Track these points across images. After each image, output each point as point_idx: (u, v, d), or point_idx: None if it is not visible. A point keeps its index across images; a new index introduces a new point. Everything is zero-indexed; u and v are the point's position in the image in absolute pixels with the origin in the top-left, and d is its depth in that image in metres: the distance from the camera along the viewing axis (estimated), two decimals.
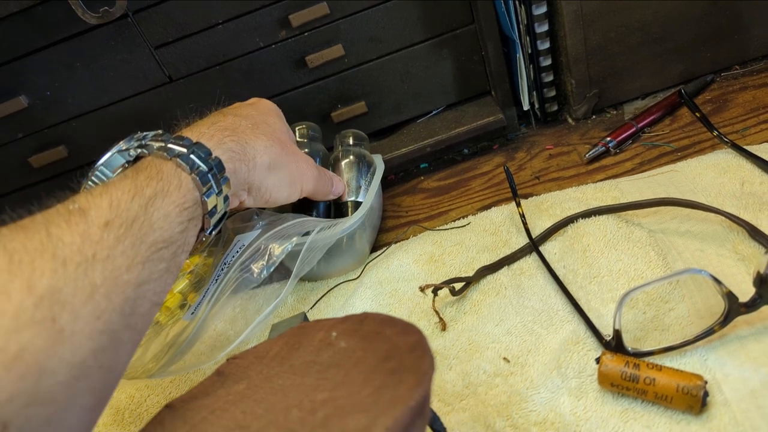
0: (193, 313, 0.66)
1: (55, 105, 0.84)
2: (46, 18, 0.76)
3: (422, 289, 0.60)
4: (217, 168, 0.51)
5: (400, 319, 0.42)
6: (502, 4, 0.78)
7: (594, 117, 0.89)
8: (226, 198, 0.53)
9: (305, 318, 0.61)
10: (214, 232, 0.53)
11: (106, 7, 0.71)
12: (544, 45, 0.83)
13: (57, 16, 0.76)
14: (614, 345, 0.52)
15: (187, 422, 0.42)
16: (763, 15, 0.80)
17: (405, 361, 0.37)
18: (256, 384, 0.43)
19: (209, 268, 0.80)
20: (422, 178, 0.93)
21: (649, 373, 0.48)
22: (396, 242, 0.79)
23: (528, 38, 0.83)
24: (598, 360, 0.51)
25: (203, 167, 0.49)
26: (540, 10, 0.80)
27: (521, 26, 0.81)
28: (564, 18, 0.79)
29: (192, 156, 0.49)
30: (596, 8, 0.78)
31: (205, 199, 0.49)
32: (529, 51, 0.85)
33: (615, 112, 0.88)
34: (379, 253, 0.78)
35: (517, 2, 0.79)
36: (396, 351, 0.38)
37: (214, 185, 0.50)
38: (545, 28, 0.82)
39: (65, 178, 0.91)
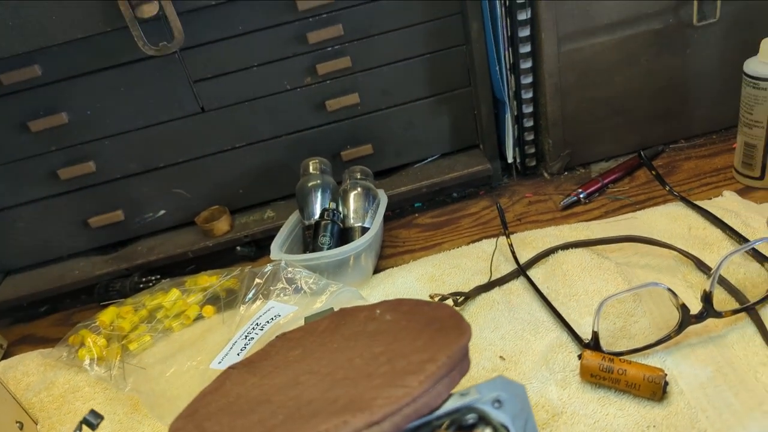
0: (220, 362, 0.70)
1: (92, 124, 0.93)
2: (104, 45, 0.86)
3: (432, 297, 0.71)
4: None
5: (431, 300, 0.52)
6: (497, 73, 0.93)
7: (566, 173, 1.04)
8: None
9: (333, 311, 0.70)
10: None
11: (165, 42, 0.82)
12: (528, 109, 0.98)
13: (114, 45, 0.86)
14: (593, 344, 0.63)
15: (255, 374, 0.50)
16: (705, 99, 0.98)
17: (446, 323, 0.47)
18: (311, 349, 0.52)
19: (223, 291, 0.88)
20: (416, 215, 1.04)
21: (621, 366, 0.60)
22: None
23: (515, 102, 0.98)
24: (580, 356, 0.62)
25: None
26: (527, 80, 0.95)
27: (510, 92, 0.96)
28: (546, 88, 0.94)
29: None
30: (572, 83, 0.94)
31: None
32: (515, 113, 1.00)
33: (583, 170, 1.03)
34: (381, 274, 0.88)
35: (508, 72, 0.94)
36: (436, 319, 0.49)
37: None
38: (530, 95, 0.97)
39: (88, 192, 0.98)
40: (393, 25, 0.93)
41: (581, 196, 0.94)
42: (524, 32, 0.90)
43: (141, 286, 0.95)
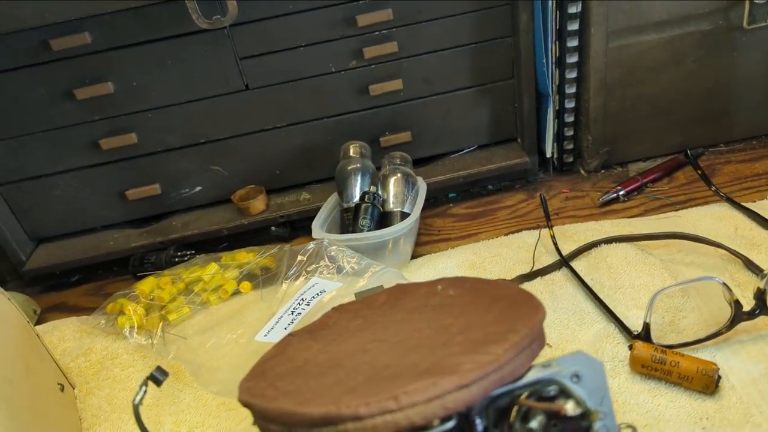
0: (266, 335, 0.71)
1: (137, 95, 0.93)
2: (155, 17, 0.86)
3: None
4: None
5: (498, 280, 0.52)
6: (544, 65, 0.93)
7: (603, 171, 1.04)
8: None
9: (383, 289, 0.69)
10: None
11: (219, 16, 0.82)
12: (570, 104, 0.98)
13: (165, 16, 0.86)
14: (643, 336, 0.63)
15: (318, 341, 0.50)
16: (749, 103, 0.98)
17: (516, 299, 0.47)
18: (373, 320, 0.52)
19: (258, 268, 0.88)
20: (451, 205, 1.04)
21: (674, 358, 0.59)
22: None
23: (557, 97, 0.98)
24: (631, 347, 0.62)
25: None
26: (572, 74, 0.95)
27: (554, 86, 0.96)
28: (590, 84, 0.94)
29: None
30: (617, 80, 0.94)
31: None
32: (556, 108, 0.99)
33: (621, 169, 1.03)
34: (419, 259, 0.88)
35: (553, 65, 0.94)
36: (503, 296, 0.48)
37: None
38: (573, 90, 0.97)
39: (128, 164, 0.98)
40: (442, 12, 0.93)
41: (620, 193, 0.94)
42: (573, 26, 0.90)
43: (176, 260, 0.95)
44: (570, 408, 0.37)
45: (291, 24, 0.91)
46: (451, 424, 0.36)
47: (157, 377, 0.46)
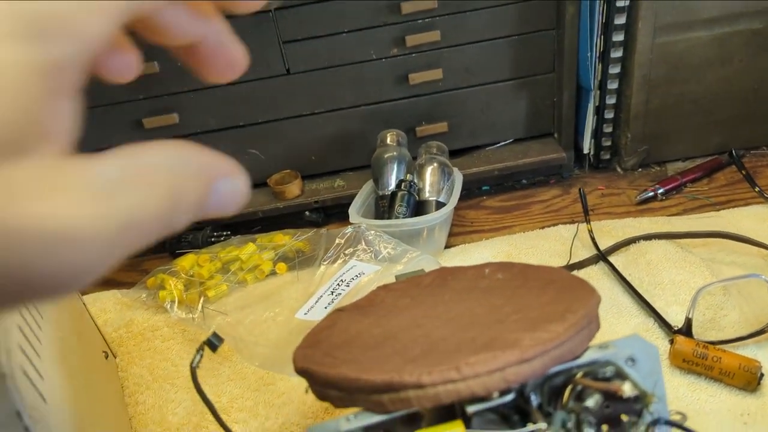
0: (306, 314, 0.72)
1: (181, 75, 0.94)
2: None
3: None
4: None
5: (546, 265, 0.52)
6: (587, 59, 0.93)
7: (640, 169, 1.03)
8: None
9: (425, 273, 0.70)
10: None
11: None
12: (611, 100, 0.98)
13: None
14: (685, 330, 0.63)
15: (368, 316, 0.51)
16: None
17: (569, 283, 0.47)
18: (421, 299, 0.53)
19: (293, 251, 0.89)
20: (484, 197, 1.04)
21: (716, 354, 0.59)
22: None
23: (599, 92, 0.98)
24: (672, 341, 0.62)
25: None
26: (615, 69, 0.94)
27: (596, 81, 0.96)
28: (634, 80, 0.94)
29: None
30: (661, 77, 0.93)
31: None
32: (596, 104, 0.99)
33: (659, 168, 1.03)
34: (454, 248, 0.89)
35: (597, 60, 0.94)
36: (555, 280, 0.49)
37: None
38: (615, 86, 0.96)
39: None
40: (487, 2, 0.93)
41: (659, 191, 0.93)
42: (620, 20, 0.89)
43: (213, 239, 0.97)
44: (627, 389, 0.37)
45: (335, 9, 0.91)
46: (510, 397, 0.37)
47: (214, 342, 0.47)
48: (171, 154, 0.19)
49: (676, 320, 0.66)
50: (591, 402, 0.38)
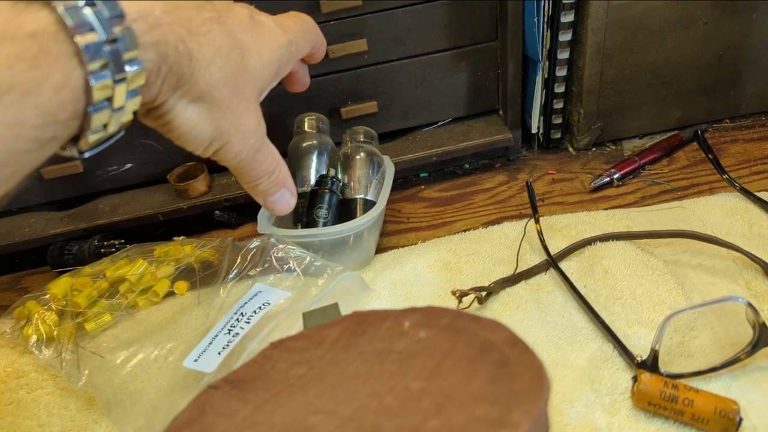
0: (196, 360, 0.58)
1: None
2: None
3: (454, 293, 0.59)
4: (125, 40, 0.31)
5: (480, 315, 0.40)
6: (534, 25, 0.80)
7: (594, 149, 0.92)
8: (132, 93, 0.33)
9: (338, 309, 0.57)
10: (90, 153, 0.34)
11: None
12: (561, 72, 0.85)
13: None
14: (650, 364, 0.52)
15: (247, 403, 0.38)
16: (758, 76, 0.87)
17: (509, 354, 0.35)
18: (320, 369, 0.40)
19: (198, 263, 0.75)
20: (422, 186, 0.92)
21: (688, 395, 0.49)
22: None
23: (548, 63, 0.85)
24: (635, 378, 0.52)
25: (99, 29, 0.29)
26: (565, 37, 0.82)
27: (544, 50, 0.83)
28: (587, 48, 0.81)
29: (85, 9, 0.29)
30: (618, 44, 0.81)
31: (92, 82, 0.30)
32: (545, 76, 0.87)
33: (614, 147, 0.92)
34: (385, 254, 0.76)
35: (545, 26, 0.81)
36: (492, 345, 0.37)
37: (111, 64, 0.30)
38: (566, 56, 0.84)
39: None
40: None
41: (614, 177, 0.83)
42: None
43: (102, 251, 0.81)
44: None
45: None
46: None
47: None
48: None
49: (639, 346, 0.56)
50: None
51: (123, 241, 0.83)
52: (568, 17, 0.80)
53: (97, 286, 0.72)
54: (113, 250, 0.81)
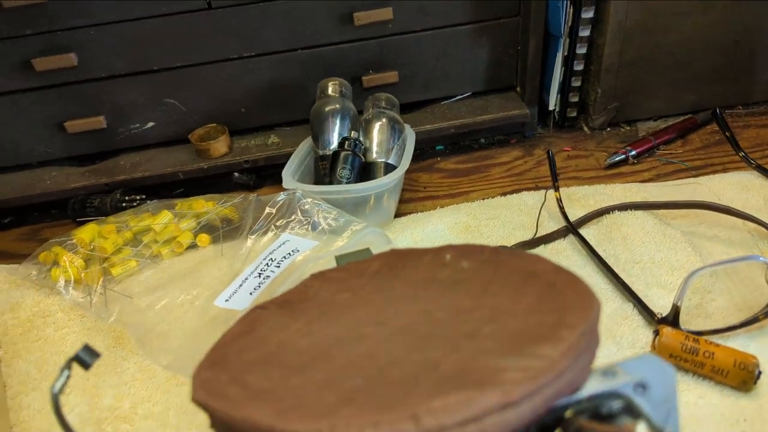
0: (227, 300, 0.59)
1: (78, 6, 0.77)
2: None
3: None
4: None
5: (522, 250, 0.41)
6: (559, 1, 0.81)
7: (609, 129, 0.94)
8: None
9: (371, 252, 0.59)
10: None
11: None
12: (581, 50, 0.87)
13: None
14: (671, 320, 0.54)
15: (296, 319, 0.39)
16: None
17: (555, 279, 0.37)
18: (365, 295, 0.41)
19: (218, 219, 0.76)
20: (438, 158, 0.93)
21: (708, 348, 0.51)
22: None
23: (568, 40, 0.87)
24: (656, 332, 0.53)
25: None
26: (588, 14, 0.83)
27: (566, 27, 0.85)
28: (608, 27, 0.83)
29: None
30: (639, 23, 0.83)
31: None
32: (565, 53, 0.88)
33: (629, 128, 0.94)
34: (403, 218, 0.77)
35: (568, 2, 0.83)
36: (536, 273, 0.38)
37: None
38: (587, 33, 0.86)
39: (66, 90, 0.83)
40: None
41: (630, 154, 0.84)
42: None
43: (123, 205, 0.82)
44: None
45: None
46: None
47: (84, 359, 0.34)
48: None
49: (658, 305, 0.58)
50: None
51: (144, 197, 0.84)
52: None
53: (122, 235, 0.73)
54: (134, 204, 0.82)
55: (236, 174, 0.89)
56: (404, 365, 0.30)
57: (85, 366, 0.35)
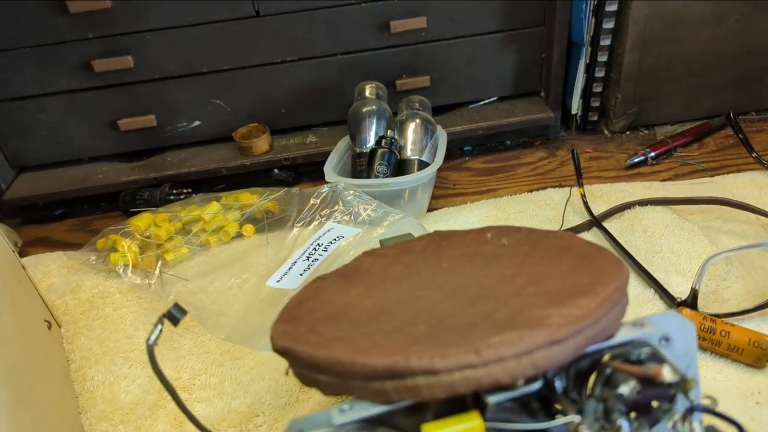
0: (279, 281, 0.65)
1: (137, 13, 0.84)
2: None
3: None
4: None
5: (555, 230, 0.46)
6: (582, 11, 0.86)
7: (628, 132, 0.99)
8: None
9: (413, 237, 0.64)
10: None
11: None
12: (602, 58, 0.92)
13: None
14: (690, 302, 0.59)
15: (356, 286, 0.44)
16: None
17: (585, 251, 0.41)
18: (416, 267, 0.46)
19: (260, 212, 0.81)
20: (466, 158, 0.98)
21: (725, 328, 0.55)
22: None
23: (590, 49, 0.92)
24: None
25: None
26: (609, 24, 0.88)
27: (588, 36, 0.90)
28: (628, 37, 0.88)
29: None
30: (656, 34, 0.88)
31: None
32: (587, 61, 0.93)
33: (647, 132, 0.98)
34: (436, 212, 0.83)
35: (591, 13, 0.88)
36: (569, 247, 0.43)
37: None
38: (608, 42, 0.91)
39: (121, 90, 0.90)
40: None
41: (650, 156, 0.89)
42: None
43: (171, 197, 0.88)
44: (666, 374, 0.32)
45: None
46: (537, 385, 0.31)
47: (175, 315, 0.39)
48: None
49: (678, 291, 0.62)
50: (625, 388, 0.32)
51: (190, 190, 0.90)
52: (612, 6, 0.87)
53: (173, 225, 0.79)
54: (182, 197, 0.88)
55: (276, 170, 0.95)
56: (461, 316, 0.35)
57: (174, 321, 0.41)
